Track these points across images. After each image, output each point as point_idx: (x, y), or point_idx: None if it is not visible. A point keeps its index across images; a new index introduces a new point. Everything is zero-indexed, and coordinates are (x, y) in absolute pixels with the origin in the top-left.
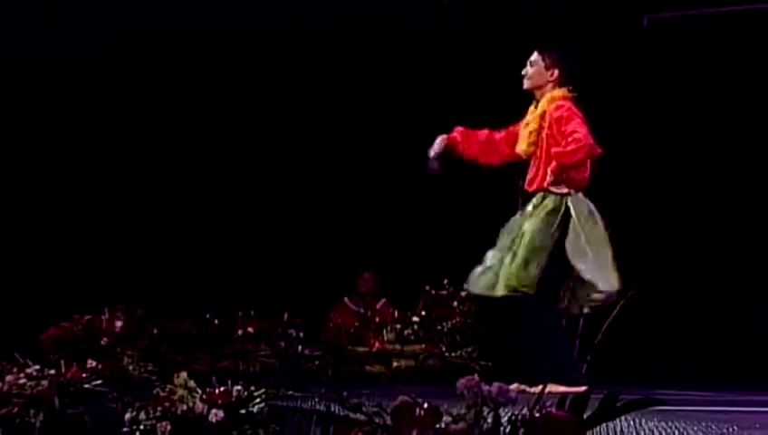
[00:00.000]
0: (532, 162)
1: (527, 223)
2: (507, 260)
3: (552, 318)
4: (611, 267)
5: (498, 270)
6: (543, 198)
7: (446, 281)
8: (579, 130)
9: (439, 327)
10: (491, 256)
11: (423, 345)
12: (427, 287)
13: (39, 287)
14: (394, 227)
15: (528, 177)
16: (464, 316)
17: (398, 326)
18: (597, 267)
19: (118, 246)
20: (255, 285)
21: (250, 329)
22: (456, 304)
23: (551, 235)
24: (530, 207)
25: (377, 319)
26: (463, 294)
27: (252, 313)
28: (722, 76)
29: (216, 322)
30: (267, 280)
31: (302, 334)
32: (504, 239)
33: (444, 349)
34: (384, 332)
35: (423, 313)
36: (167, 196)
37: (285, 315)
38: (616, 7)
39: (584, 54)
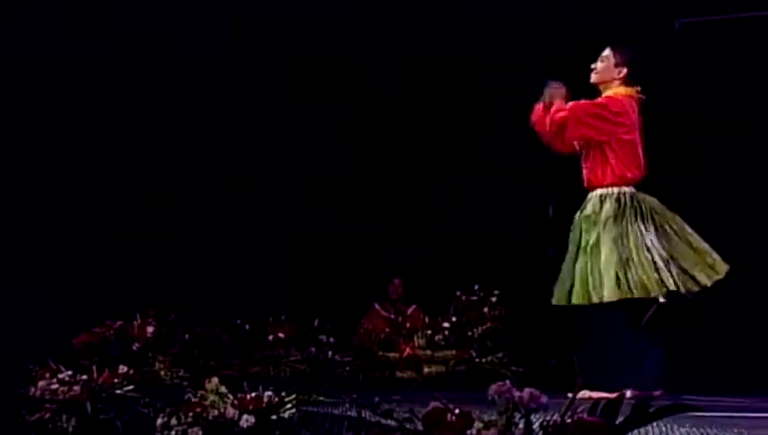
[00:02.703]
0: (587, 159)
1: (594, 232)
2: (580, 270)
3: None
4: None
5: (571, 278)
6: (602, 199)
7: (476, 286)
8: (599, 107)
9: (470, 333)
10: (564, 266)
11: (454, 351)
12: (458, 293)
13: (71, 292)
14: (426, 232)
15: (585, 174)
16: (494, 322)
17: (429, 332)
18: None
19: (150, 251)
20: (287, 290)
21: (281, 334)
22: (486, 309)
23: (620, 241)
24: (589, 210)
25: (407, 325)
26: (493, 299)
27: (283, 318)
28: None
29: (247, 327)
30: (298, 285)
31: (332, 340)
32: (571, 245)
33: (474, 354)
34: (415, 337)
35: (454, 318)
36: (197, 197)
37: (316, 321)
38: (647, 10)
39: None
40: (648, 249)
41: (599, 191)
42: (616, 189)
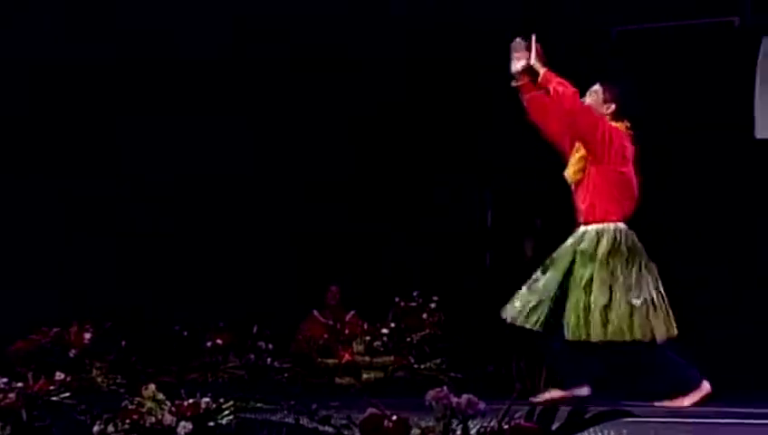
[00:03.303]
0: (578, 190)
1: (588, 266)
2: (573, 304)
3: None
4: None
5: (553, 308)
6: (598, 235)
7: (415, 293)
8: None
9: (409, 339)
10: (541, 288)
11: (392, 357)
12: (397, 299)
13: (6, 301)
14: (365, 239)
15: (579, 206)
16: (433, 328)
17: (368, 338)
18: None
19: (81, 260)
20: (225, 297)
21: (219, 341)
22: (425, 315)
23: (617, 275)
24: (586, 246)
25: (346, 331)
26: (432, 305)
27: (221, 325)
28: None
29: (185, 334)
30: (237, 293)
31: (271, 346)
32: (554, 272)
33: (413, 361)
34: (354, 344)
35: (392, 324)
36: (131, 205)
37: (255, 328)
38: (586, 19)
39: None
40: (630, 292)
41: (595, 226)
42: (612, 226)
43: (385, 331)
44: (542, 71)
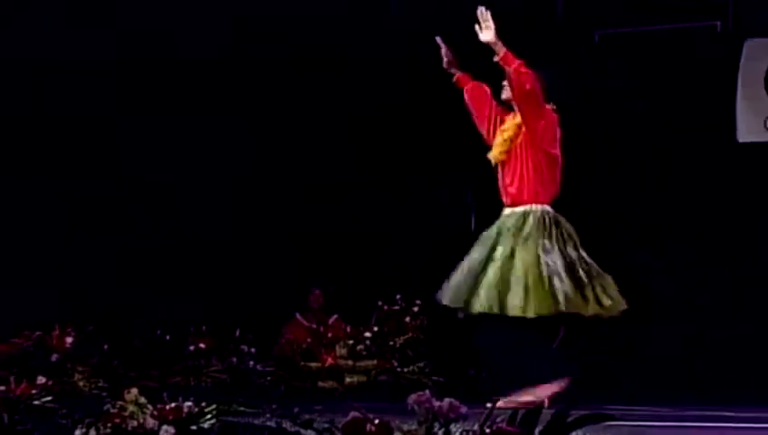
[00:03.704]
0: (505, 172)
1: (510, 243)
2: (491, 279)
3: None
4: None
5: (475, 284)
6: (525, 215)
7: (398, 296)
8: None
9: (392, 343)
10: (466, 268)
11: (375, 361)
12: (380, 303)
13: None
14: (347, 242)
15: (504, 188)
16: (416, 332)
17: (351, 342)
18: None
19: (68, 262)
20: (207, 300)
21: (202, 345)
22: (408, 319)
23: (536, 256)
24: (511, 224)
25: (329, 335)
26: (415, 309)
27: (203, 328)
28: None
29: (167, 337)
30: (219, 296)
31: (254, 350)
32: (480, 251)
33: (396, 364)
34: (337, 347)
35: (375, 328)
36: (114, 205)
37: (237, 331)
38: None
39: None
40: (549, 269)
41: (523, 208)
42: (540, 207)
43: (368, 334)
44: (503, 50)
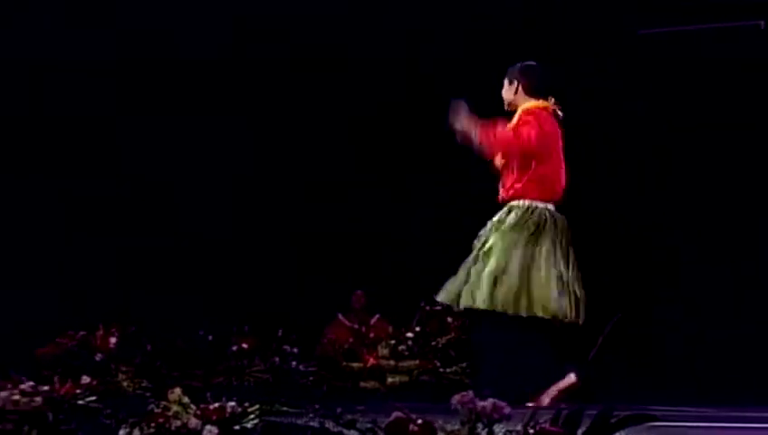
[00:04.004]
0: (504, 174)
1: (492, 237)
2: (473, 273)
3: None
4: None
5: (464, 280)
6: (509, 211)
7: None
8: (527, 130)
9: (434, 343)
10: (462, 265)
11: (417, 361)
12: (422, 303)
13: (35, 304)
14: (391, 242)
15: (500, 188)
16: (458, 332)
17: (393, 342)
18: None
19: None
20: (250, 301)
21: (244, 345)
22: (450, 319)
23: (515, 250)
24: (495, 218)
25: (371, 335)
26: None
27: (246, 329)
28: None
29: (210, 338)
30: (262, 296)
31: (296, 350)
32: (474, 248)
33: (438, 365)
34: (378, 347)
35: (417, 328)
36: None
37: (280, 331)
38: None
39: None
40: (531, 267)
41: (510, 203)
42: (526, 202)
43: (410, 335)
44: (476, 132)
